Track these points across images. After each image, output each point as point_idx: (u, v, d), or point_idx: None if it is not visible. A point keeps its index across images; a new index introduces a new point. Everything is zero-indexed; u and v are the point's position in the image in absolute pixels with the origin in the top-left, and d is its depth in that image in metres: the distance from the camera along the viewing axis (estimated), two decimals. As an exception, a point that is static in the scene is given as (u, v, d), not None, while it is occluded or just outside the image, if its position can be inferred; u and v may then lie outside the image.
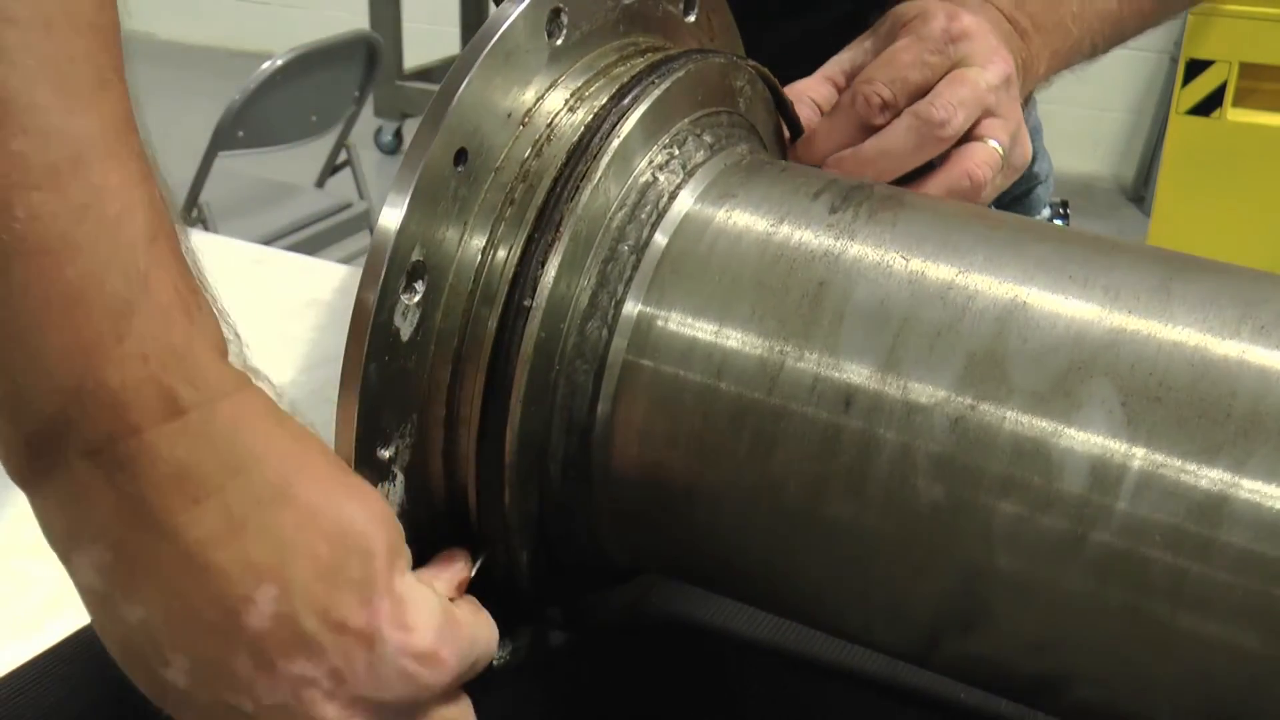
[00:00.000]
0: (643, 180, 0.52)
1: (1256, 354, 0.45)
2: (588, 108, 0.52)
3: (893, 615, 0.50)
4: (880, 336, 0.48)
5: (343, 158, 2.81)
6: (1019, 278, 0.49)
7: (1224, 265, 0.50)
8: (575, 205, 0.49)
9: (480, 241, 0.49)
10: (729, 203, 0.53)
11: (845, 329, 0.49)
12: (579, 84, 0.52)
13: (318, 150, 2.75)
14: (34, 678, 0.63)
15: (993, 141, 0.64)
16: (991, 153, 0.64)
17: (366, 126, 3.94)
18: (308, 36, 2.54)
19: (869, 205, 0.53)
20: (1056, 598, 0.46)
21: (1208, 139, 3.39)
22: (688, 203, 0.53)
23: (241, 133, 2.41)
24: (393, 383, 0.47)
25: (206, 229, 2.28)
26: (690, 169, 0.54)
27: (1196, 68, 3.37)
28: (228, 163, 2.43)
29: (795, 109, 0.65)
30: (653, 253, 0.52)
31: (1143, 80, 4.28)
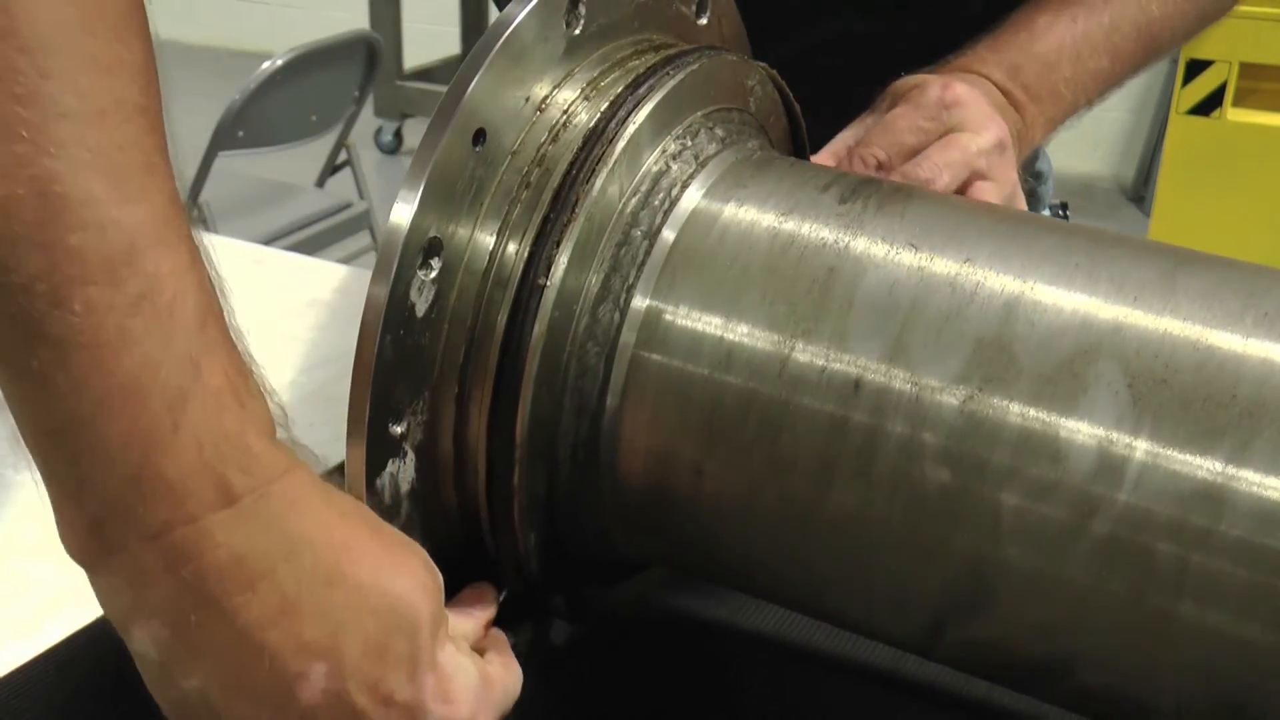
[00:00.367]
0: (656, 168, 0.53)
1: (1260, 342, 0.46)
2: (603, 96, 0.52)
3: (898, 602, 0.51)
4: (889, 323, 0.49)
5: (343, 158, 2.80)
6: (1025, 267, 0.49)
7: (1226, 259, 0.51)
8: (590, 189, 0.50)
9: (496, 223, 0.50)
10: (740, 194, 0.54)
11: (854, 315, 0.49)
12: (594, 74, 0.53)
13: (318, 150, 2.74)
14: (34, 678, 0.62)
15: None
16: None
17: (366, 126, 3.94)
18: (307, 36, 2.53)
19: (878, 197, 0.53)
20: (1061, 582, 0.46)
21: (1208, 139, 3.38)
22: (698, 194, 0.54)
23: (241, 133, 2.40)
24: (407, 358, 0.47)
25: (206, 229, 2.28)
26: (702, 160, 0.55)
27: (1196, 68, 3.36)
28: (228, 163, 2.42)
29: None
30: (662, 244, 0.53)
31: (1142, 80, 4.25)
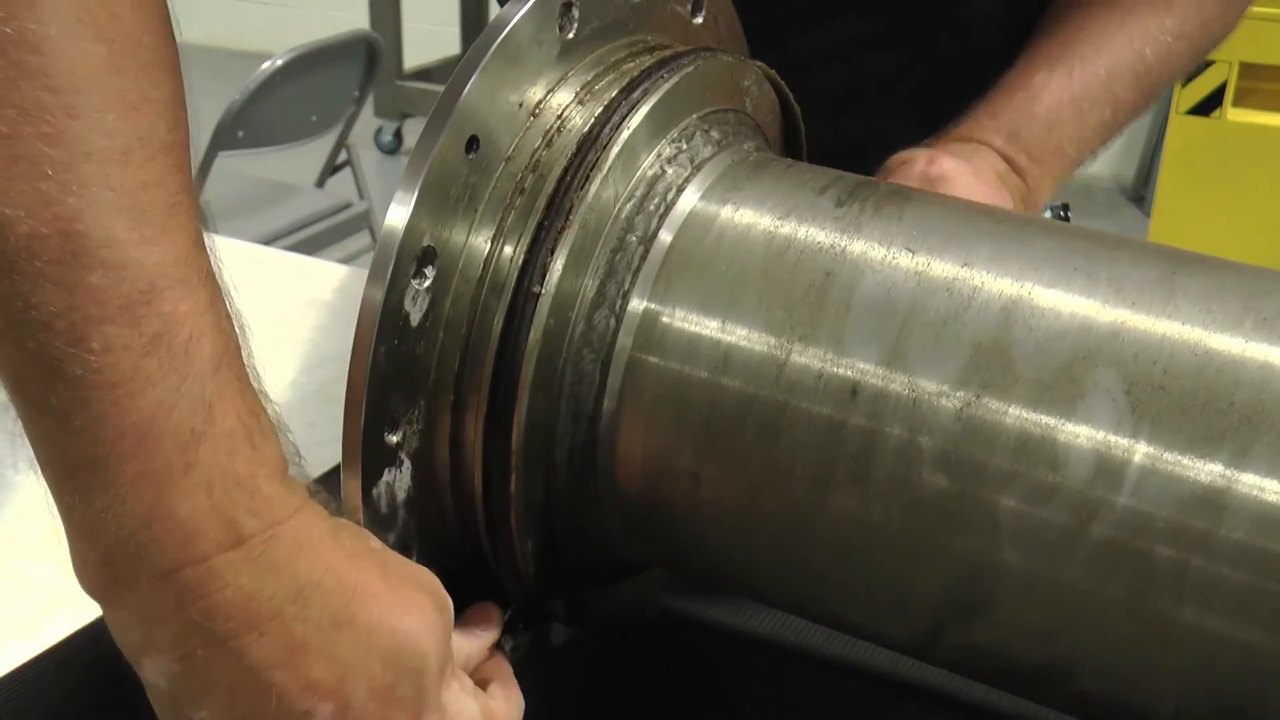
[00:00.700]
0: (651, 173, 0.53)
1: (1259, 345, 0.45)
2: (598, 100, 0.52)
3: (897, 605, 0.50)
4: (886, 326, 0.48)
5: (343, 158, 2.81)
6: (1024, 270, 0.49)
7: (1225, 261, 0.51)
8: (585, 194, 0.50)
9: (490, 229, 0.49)
10: (736, 196, 0.54)
11: (852, 319, 0.49)
12: (589, 78, 0.53)
13: (318, 150, 2.74)
14: (34, 678, 0.63)
15: None
16: None
17: (366, 126, 3.94)
18: (307, 36, 2.53)
19: (875, 200, 0.53)
20: (1060, 586, 0.46)
21: (1207, 139, 3.38)
22: (694, 197, 0.54)
23: (241, 133, 2.41)
24: (401, 367, 0.47)
25: (207, 229, 2.27)
26: (698, 163, 0.55)
27: (1196, 68, 3.36)
28: (228, 163, 2.42)
29: None
30: (659, 248, 0.53)
31: (1142, 81, 4.27)
